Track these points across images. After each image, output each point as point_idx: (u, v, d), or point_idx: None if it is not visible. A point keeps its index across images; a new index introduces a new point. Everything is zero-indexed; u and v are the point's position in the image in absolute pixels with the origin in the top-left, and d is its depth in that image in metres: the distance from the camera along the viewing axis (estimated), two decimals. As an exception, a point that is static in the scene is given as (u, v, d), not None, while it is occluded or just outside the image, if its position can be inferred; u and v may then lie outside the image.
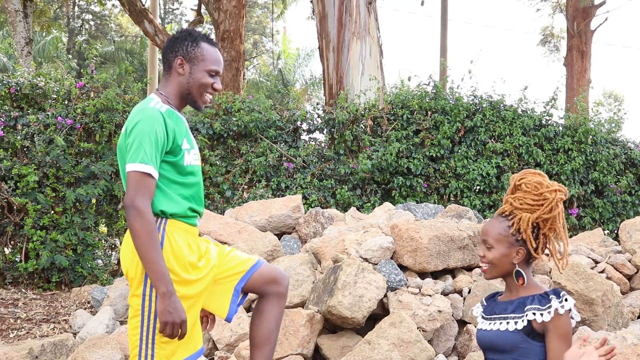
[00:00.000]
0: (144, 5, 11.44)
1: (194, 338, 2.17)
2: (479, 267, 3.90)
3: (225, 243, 4.48)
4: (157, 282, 2.02)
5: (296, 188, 6.53)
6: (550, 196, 2.01)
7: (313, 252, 4.13)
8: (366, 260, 3.68)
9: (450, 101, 7.00)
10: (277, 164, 6.63)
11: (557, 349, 1.94)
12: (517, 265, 2.04)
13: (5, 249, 5.86)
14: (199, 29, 16.61)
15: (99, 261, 6.28)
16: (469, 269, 3.88)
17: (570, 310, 1.96)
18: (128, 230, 2.18)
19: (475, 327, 2.26)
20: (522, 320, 2.00)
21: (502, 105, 7.08)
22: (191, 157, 2.22)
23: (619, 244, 4.53)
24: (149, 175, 2.05)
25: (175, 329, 2.05)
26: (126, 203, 2.03)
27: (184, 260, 2.12)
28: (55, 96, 6.09)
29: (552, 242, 2.08)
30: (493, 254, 2.05)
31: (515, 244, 2.03)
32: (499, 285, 3.53)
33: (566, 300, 1.95)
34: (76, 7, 27.78)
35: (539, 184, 2.02)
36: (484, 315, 2.11)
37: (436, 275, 3.79)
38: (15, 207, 5.65)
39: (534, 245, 2.02)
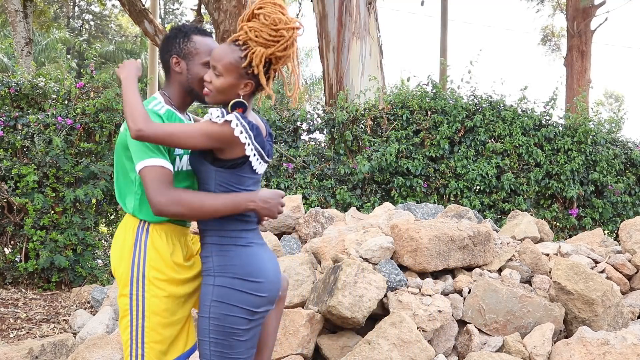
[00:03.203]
0: (144, 6, 11.44)
1: (185, 337, 2.17)
2: (478, 267, 3.90)
3: (225, 243, 4.48)
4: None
5: (296, 188, 6.53)
6: (287, 34, 1.96)
7: (313, 252, 4.13)
8: (366, 260, 3.68)
9: (450, 101, 7.01)
10: (277, 164, 6.63)
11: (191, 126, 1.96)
12: (242, 97, 2.03)
13: (5, 249, 5.86)
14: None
15: (99, 261, 6.28)
16: (469, 269, 3.88)
17: (230, 122, 1.95)
18: (117, 229, 2.18)
19: None
20: None
21: (502, 105, 7.08)
22: (183, 162, 2.19)
23: (619, 244, 4.53)
24: (157, 167, 1.99)
25: None
26: (153, 210, 1.97)
27: (168, 260, 2.11)
28: (55, 96, 6.09)
29: (282, 77, 2.08)
30: (221, 82, 2.02)
31: (245, 77, 2.01)
32: (499, 286, 3.53)
33: (232, 113, 1.95)
34: (76, 7, 27.78)
35: (278, 20, 1.97)
36: None
37: (436, 275, 3.79)
38: (15, 207, 5.66)
39: (264, 81, 2.00)
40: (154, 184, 1.97)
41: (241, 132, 1.96)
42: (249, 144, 1.99)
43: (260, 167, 2.07)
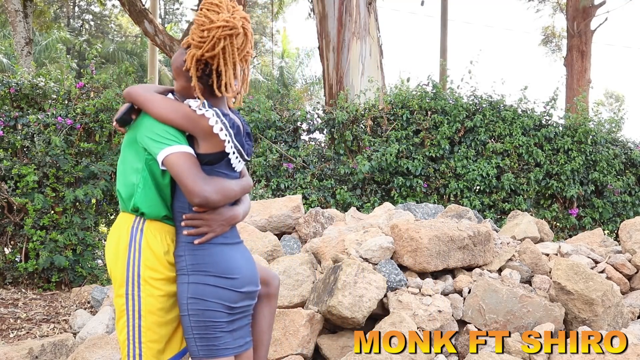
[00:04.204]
0: (144, 6, 11.44)
1: (180, 336, 2.17)
2: (478, 267, 3.90)
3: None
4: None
5: (296, 188, 6.53)
6: (209, 34, 1.95)
7: (313, 252, 4.13)
8: (366, 260, 3.68)
9: (450, 101, 7.01)
10: (277, 164, 6.63)
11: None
12: (197, 98, 2.05)
13: (5, 249, 5.86)
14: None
15: (99, 261, 6.28)
16: (469, 269, 3.88)
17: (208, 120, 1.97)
18: (111, 230, 2.18)
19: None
20: None
21: (502, 105, 7.08)
22: None
23: (619, 244, 4.52)
24: (185, 153, 1.98)
25: None
26: (196, 199, 1.94)
27: (162, 259, 2.11)
28: (55, 96, 6.09)
29: (229, 77, 2.02)
30: (176, 85, 2.10)
31: (191, 79, 2.04)
32: (499, 286, 3.53)
33: (208, 110, 1.98)
34: (76, 7, 27.78)
35: (204, 21, 1.97)
36: None
37: (436, 275, 3.79)
38: (15, 207, 5.66)
39: (195, 81, 1.99)
40: (191, 172, 1.95)
41: (221, 129, 1.99)
42: (229, 142, 2.02)
43: (238, 165, 2.12)
